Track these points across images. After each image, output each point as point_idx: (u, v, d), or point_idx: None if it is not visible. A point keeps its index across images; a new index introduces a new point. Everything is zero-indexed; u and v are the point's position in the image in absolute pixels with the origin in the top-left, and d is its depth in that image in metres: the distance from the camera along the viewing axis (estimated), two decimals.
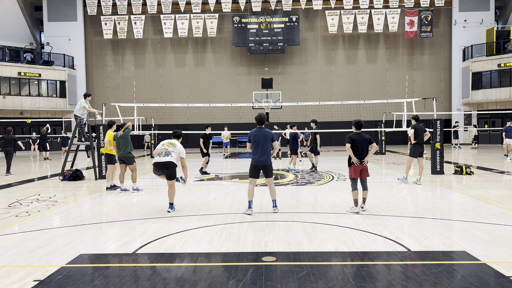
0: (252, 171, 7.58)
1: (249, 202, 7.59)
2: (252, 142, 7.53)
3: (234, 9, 32.17)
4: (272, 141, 7.56)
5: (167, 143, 7.91)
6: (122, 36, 32.19)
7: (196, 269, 4.75)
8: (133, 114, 17.31)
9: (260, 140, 7.45)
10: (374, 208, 7.94)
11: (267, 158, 7.51)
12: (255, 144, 7.49)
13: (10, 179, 13.60)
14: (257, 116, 7.57)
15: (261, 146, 7.45)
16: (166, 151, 7.77)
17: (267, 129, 7.56)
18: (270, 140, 7.50)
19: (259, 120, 7.55)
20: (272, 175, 7.64)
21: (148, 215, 7.65)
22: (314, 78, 32.90)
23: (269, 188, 7.70)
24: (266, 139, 7.45)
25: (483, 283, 4.20)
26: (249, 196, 7.59)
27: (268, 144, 7.50)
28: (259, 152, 7.46)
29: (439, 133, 13.06)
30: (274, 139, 7.56)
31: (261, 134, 7.46)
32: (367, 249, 5.33)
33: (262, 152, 7.46)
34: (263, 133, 7.46)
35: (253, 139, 7.50)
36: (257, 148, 7.46)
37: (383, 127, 22.40)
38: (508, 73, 28.68)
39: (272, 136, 7.52)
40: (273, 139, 7.54)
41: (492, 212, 7.40)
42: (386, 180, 12.11)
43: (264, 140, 7.44)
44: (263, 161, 7.47)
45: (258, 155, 7.47)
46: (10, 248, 5.61)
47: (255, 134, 7.48)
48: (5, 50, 29.13)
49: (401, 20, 31.61)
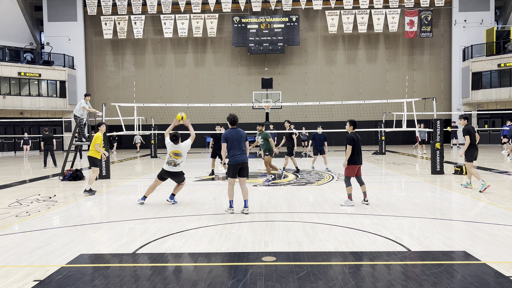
0: (232, 171, 7.66)
1: (230, 201, 7.70)
2: (228, 143, 7.62)
3: (234, 9, 32.17)
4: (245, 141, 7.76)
5: (173, 154, 8.38)
6: (122, 36, 32.19)
7: (196, 269, 4.76)
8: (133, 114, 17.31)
9: (235, 140, 7.60)
10: (374, 208, 7.95)
11: (245, 157, 7.70)
12: (231, 144, 7.60)
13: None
14: (230, 117, 7.73)
15: (238, 145, 7.60)
16: (174, 163, 8.41)
17: (240, 129, 7.77)
18: (244, 139, 7.71)
19: (232, 120, 7.72)
20: (247, 175, 7.83)
21: (148, 215, 7.66)
22: (314, 78, 32.90)
23: (242, 188, 7.77)
24: (242, 138, 7.66)
25: (483, 283, 4.20)
26: (229, 196, 7.70)
27: (243, 143, 7.69)
28: (238, 151, 7.61)
29: (439, 133, 13.05)
30: (247, 138, 7.80)
31: (236, 134, 7.63)
32: (367, 249, 5.33)
33: (240, 151, 7.62)
34: (238, 133, 7.65)
35: (229, 140, 7.61)
36: (235, 148, 7.60)
37: (383, 127, 22.41)
38: (508, 73, 28.68)
39: (245, 136, 7.75)
40: (246, 138, 7.76)
41: (492, 212, 7.40)
42: (386, 180, 12.11)
43: (239, 140, 7.62)
44: (242, 160, 7.64)
45: (238, 155, 7.61)
46: (10, 248, 5.61)
47: (231, 134, 7.62)
48: (5, 50, 29.11)
49: (401, 20, 31.60)
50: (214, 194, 9.96)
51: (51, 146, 18.05)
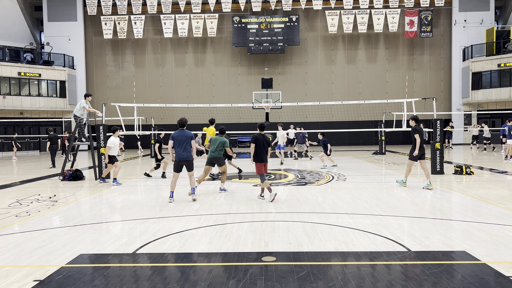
0: (176, 166, 8.91)
1: (171, 192, 8.92)
2: (174, 142, 8.84)
3: (234, 9, 32.17)
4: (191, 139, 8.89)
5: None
6: (122, 36, 32.19)
7: (196, 269, 4.75)
8: (133, 114, 17.31)
9: (181, 139, 8.81)
10: (374, 208, 7.95)
11: (189, 154, 8.86)
12: (177, 143, 8.82)
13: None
14: (178, 120, 9.03)
15: (183, 144, 8.79)
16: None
17: (187, 131, 8.98)
18: (190, 139, 8.87)
19: (180, 123, 9.00)
20: (192, 169, 9.04)
21: (148, 215, 7.66)
22: (314, 78, 32.89)
23: (190, 178, 9.07)
24: (186, 138, 8.84)
25: (483, 283, 4.20)
26: (171, 187, 8.96)
27: (188, 143, 8.85)
28: (181, 149, 8.80)
29: (439, 133, 13.05)
30: (193, 138, 8.94)
31: (182, 134, 8.86)
32: (367, 249, 5.33)
33: (184, 149, 8.81)
34: (184, 134, 8.87)
35: (175, 139, 8.83)
36: (180, 147, 8.81)
37: (383, 127, 22.41)
38: (508, 73, 28.68)
39: (191, 136, 8.90)
40: (192, 138, 8.90)
41: (492, 212, 7.40)
42: (386, 180, 12.11)
43: (184, 140, 8.82)
44: (186, 157, 8.82)
45: (180, 152, 8.81)
46: (10, 248, 5.61)
47: (178, 135, 8.86)
48: (5, 50, 29.11)
49: (401, 20, 31.61)
50: (214, 194, 9.96)
51: (55, 146, 18.17)
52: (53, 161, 17.90)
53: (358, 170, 14.61)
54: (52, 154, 18.02)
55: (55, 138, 18.19)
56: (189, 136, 8.88)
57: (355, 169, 14.98)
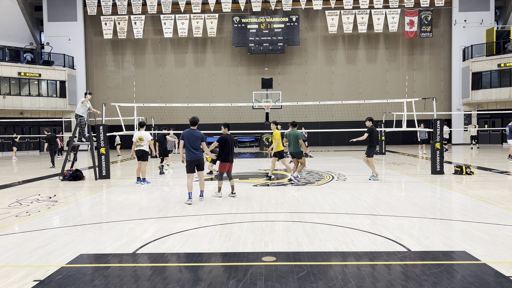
0: (189, 167, 8.67)
1: (189, 193, 8.68)
2: (185, 141, 8.65)
3: (234, 9, 32.17)
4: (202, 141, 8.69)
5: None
6: (122, 36, 32.18)
7: (196, 269, 4.76)
8: (133, 114, 17.31)
9: (190, 139, 8.59)
10: (374, 208, 7.95)
11: (201, 154, 8.70)
12: (188, 142, 8.61)
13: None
14: (190, 119, 8.80)
15: (193, 144, 8.58)
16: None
17: (198, 130, 8.74)
18: (200, 139, 8.65)
19: (192, 122, 8.78)
20: (203, 169, 8.91)
21: (148, 215, 7.66)
22: (314, 78, 32.89)
23: (200, 180, 8.93)
24: (197, 138, 8.63)
25: (483, 283, 4.20)
26: (188, 189, 8.70)
27: (198, 143, 8.65)
28: (191, 149, 8.60)
29: (439, 133, 13.04)
30: (204, 139, 8.71)
31: (191, 134, 8.63)
32: (367, 249, 5.33)
33: (194, 149, 8.61)
34: (193, 133, 8.63)
35: (186, 139, 8.64)
36: (191, 146, 8.60)
37: (383, 127, 22.39)
38: (508, 73, 28.67)
39: (202, 137, 8.68)
40: (202, 139, 8.68)
41: (492, 212, 7.40)
42: (386, 180, 12.11)
43: (194, 140, 8.60)
44: (198, 156, 8.65)
45: (192, 152, 8.61)
46: (10, 248, 5.61)
47: (187, 134, 8.65)
48: (5, 50, 29.11)
49: (401, 20, 31.60)
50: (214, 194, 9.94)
51: (54, 146, 18.32)
52: (53, 161, 17.95)
53: (358, 170, 14.61)
54: (51, 154, 18.15)
55: (52, 138, 18.30)
56: (200, 136, 8.66)
57: (355, 169, 14.98)
